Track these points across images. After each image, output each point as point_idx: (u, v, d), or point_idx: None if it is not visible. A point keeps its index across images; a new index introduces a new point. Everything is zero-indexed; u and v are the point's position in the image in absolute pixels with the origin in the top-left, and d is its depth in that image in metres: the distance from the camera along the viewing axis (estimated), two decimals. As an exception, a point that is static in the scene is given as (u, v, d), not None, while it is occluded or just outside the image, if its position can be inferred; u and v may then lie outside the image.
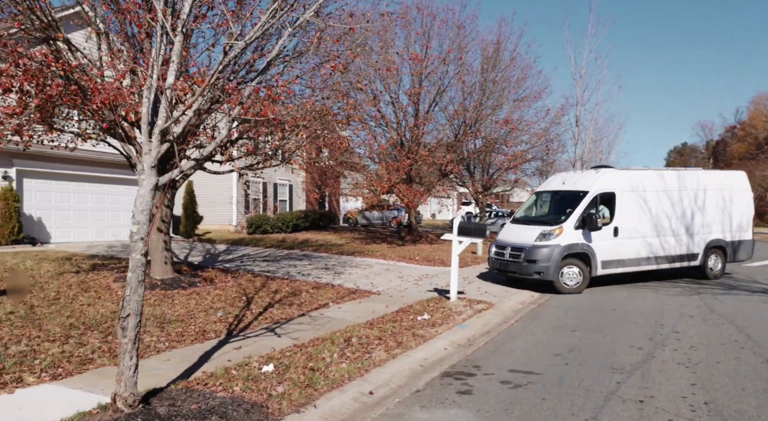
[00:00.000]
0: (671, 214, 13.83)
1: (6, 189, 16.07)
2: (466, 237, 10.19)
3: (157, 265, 10.88)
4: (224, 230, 27.35)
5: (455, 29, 22.92)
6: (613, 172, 13.59)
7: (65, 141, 9.85)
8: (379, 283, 12.83)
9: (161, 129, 4.33)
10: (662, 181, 13.92)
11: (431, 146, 22.23)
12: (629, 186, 13.40)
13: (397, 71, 21.95)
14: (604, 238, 12.80)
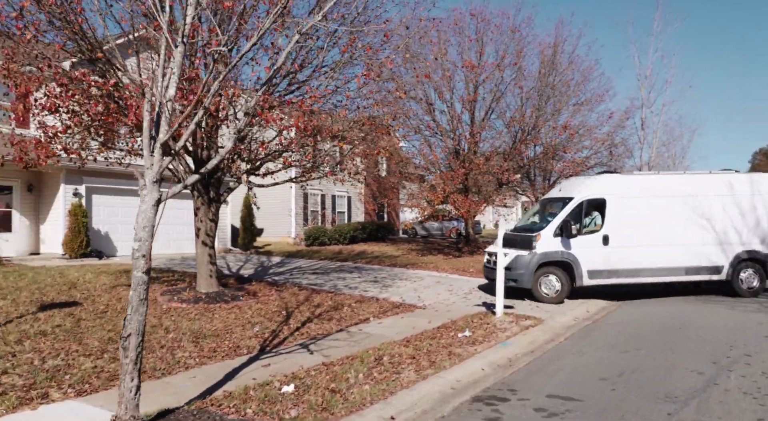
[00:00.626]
0: (684, 221, 12.64)
1: (75, 205, 16.91)
2: (511, 249, 9.68)
3: (203, 278, 11.00)
4: (283, 242, 27.75)
5: (510, 34, 22.31)
6: (604, 178, 13.02)
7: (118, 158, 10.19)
8: (427, 296, 12.47)
9: (161, 143, 4.23)
10: (673, 187, 12.86)
11: (488, 154, 21.66)
12: (625, 192, 12.62)
13: (450, 79, 21.58)
14: (591, 246, 12.17)
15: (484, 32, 22.22)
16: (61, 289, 11.14)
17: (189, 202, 20.78)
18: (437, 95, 22.00)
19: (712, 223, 12.73)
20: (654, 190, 12.79)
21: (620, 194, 12.56)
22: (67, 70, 7.83)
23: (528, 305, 11.52)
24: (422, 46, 22.86)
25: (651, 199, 12.63)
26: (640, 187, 12.80)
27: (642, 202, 12.56)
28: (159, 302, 10.29)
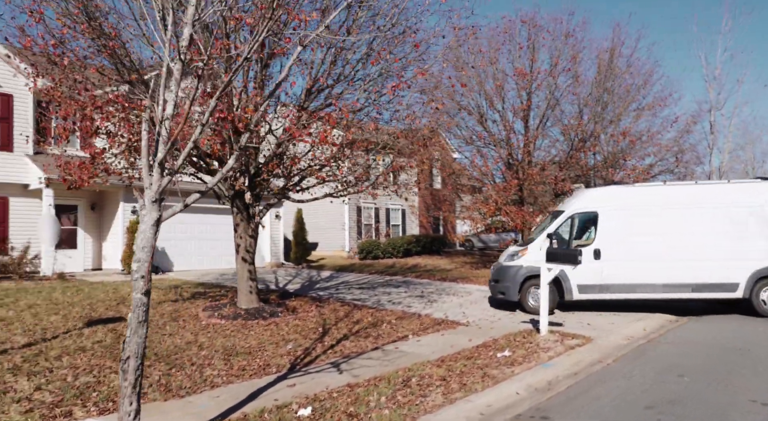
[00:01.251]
0: (692, 235, 11.70)
1: (133, 222, 17.56)
2: (554, 263, 9.14)
3: (243, 294, 11.04)
4: (337, 255, 27.83)
5: (563, 39, 21.58)
6: (596, 191, 12.81)
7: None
8: (472, 312, 12.02)
9: (159, 162, 4.16)
10: (679, 198, 11.96)
11: (543, 164, 20.94)
12: (619, 204, 12.09)
13: (501, 88, 21.07)
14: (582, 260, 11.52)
15: (535, 38, 21.61)
16: (110, 304, 11.47)
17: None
18: (488, 104, 21.53)
19: (724, 236, 11.65)
20: (655, 202, 12.06)
21: (614, 207, 12.09)
22: (101, 94, 8.07)
23: (578, 323, 10.88)
24: (472, 55, 22.58)
25: (651, 212, 11.93)
26: (638, 199, 12.20)
27: (640, 214, 11.94)
28: (199, 318, 10.39)
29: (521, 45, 21.55)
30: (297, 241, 23.16)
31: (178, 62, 4.21)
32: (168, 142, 4.17)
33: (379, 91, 9.19)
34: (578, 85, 22.63)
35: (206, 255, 20.51)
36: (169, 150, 4.16)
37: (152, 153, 4.36)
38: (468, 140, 23.06)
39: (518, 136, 21.82)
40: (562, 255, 9.04)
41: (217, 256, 20.82)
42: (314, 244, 29.11)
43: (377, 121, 9.92)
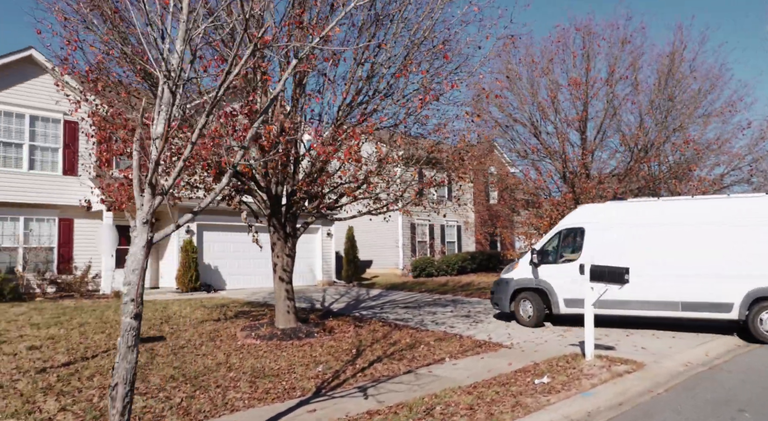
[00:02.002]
0: (684, 252, 11.15)
1: (186, 242, 18.03)
2: (599, 282, 8.51)
3: (280, 314, 10.97)
4: (391, 273, 27.59)
5: (620, 46, 20.65)
6: (586, 207, 12.97)
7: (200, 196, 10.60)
8: (518, 334, 11.44)
9: (149, 182, 4.08)
10: (671, 214, 11.53)
11: (601, 177, 19.97)
12: (604, 220, 12.04)
13: (554, 99, 20.35)
14: (567, 275, 11.96)
15: (590, 46, 20.82)
16: (154, 323, 11.69)
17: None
18: (541, 116, 20.85)
19: (722, 254, 10.88)
20: (644, 218, 11.74)
21: (599, 222, 12.09)
22: (133, 116, 8.27)
23: (632, 346, 10.09)
24: (524, 66, 22.02)
25: (639, 228, 11.64)
26: (625, 215, 11.98)
27: (627, 230, 11.71)
28: (236, 338, 10.38)
29: (575, 53, 20.79)
30: (348, 259, 23.11)
31: (169, 81, 4.14)
32: (154, 162, 4.08)
33: (408, 105, 8.95)
34: (639, 92, 21.59)
35: (258, 273, 20.74)
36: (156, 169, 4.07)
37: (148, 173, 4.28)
38: (522, 154, 22.42)
39: (575, 148, 21.01)
40: (608, 273, 8.39)
41: (266, 274, 20.96)
42: (368, 261, 29.03)
43: (408, 135, 9.65)
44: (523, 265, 12.69)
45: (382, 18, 8.73)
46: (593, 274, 8.56)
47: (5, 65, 16.36)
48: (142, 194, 4.19)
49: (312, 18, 8.06)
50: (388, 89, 9.13)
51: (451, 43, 9.21)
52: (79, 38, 7.78)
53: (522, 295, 12.53)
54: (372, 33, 9.00)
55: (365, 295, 18.14)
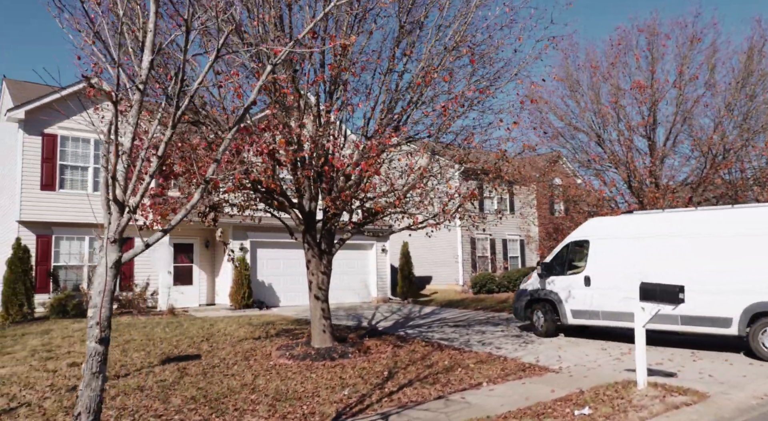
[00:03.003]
0: (679, 264, 10.76)
1: (239, 259, 18.24)
2: (650, 302, 7.64)
3: (316, 333, 10.70)
4: (450, 289, 26.86)
5: (689, 44, 19.24)
6: (593, 221, 13.09)
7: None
8: (569, 356, 10.58)
9: (113, 199, 3.89)
10: (670, 226, 11.33)
11: (673, 187, 18.53)
12: (606, 233, 12.27)
13: (617, 104, 19.19)
14: (574, 287, 12.44)
15: (655, 47, 19.56)
16: (194, 341, 11.73)
17: (344, 253, 21.26)
18: (602, 123, 19.73)
19: (717, 265, 10.51)
20: (646, 230, 11.67)
21: (602, 236, 12.34)
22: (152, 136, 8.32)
23: (698, 373, 9.03)
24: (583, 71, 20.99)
25: (637, 241, 11.67)
26: (625, 228, 12.06)
27: (626, 243, 11.81)
28: (271, 357, 10.18)
29: (638, 56, 19.59)
30: (403, 275, 22.67)
31: (137, 93, 3.95)
32: (125, 178, 3.88)
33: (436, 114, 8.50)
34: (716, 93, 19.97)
35: (312, 290, 20.70)
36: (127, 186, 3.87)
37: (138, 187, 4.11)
38: (585, 163, 21.31)
39: (643, 156, 19.68)
40: (659, 292, 7.52)
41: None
42: (428, 277, 28.48)
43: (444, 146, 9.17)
44: (535, 277, 13.30)
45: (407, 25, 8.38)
46: (644, 292, 7.71)
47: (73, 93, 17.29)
48: (109, 212, 4.01)
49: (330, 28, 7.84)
50: (419, 98, 8.73)
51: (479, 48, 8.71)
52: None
53: (535, 305, 13.03)
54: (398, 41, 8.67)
55: (417, 313, 17.61)
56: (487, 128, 9.34)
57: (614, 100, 19.14)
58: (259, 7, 7.85)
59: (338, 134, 9.37)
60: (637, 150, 19.84)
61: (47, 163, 16.84)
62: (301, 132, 7.65)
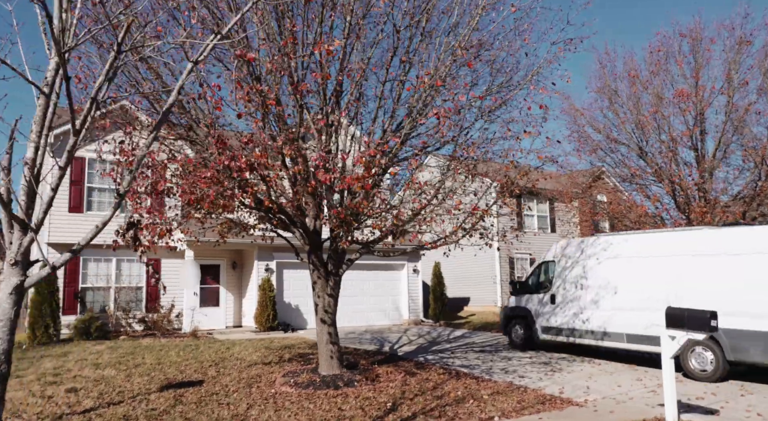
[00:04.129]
0: (628, 285, 11.49)
1: (264, 280, 17.95)
2: (678, 330, 6.70)
3: (323, 359, 10.13)
4: (489, 311, 25.78)
5: (736, 47, 17.95)
6: (562, 241, 13.70)
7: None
8: (599, 387, 9.60)
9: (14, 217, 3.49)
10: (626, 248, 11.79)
11: (715, 201, 17.13)
12: (572, 254, 13.03)
13: (657, 113, 18.04)
14: (543, 304, 13.37)
15: (698, 52, 18.37)
16: (202, 366, 11.36)
17: (374, 273, 20.82)
18: (642, 135, 18.60)
19: (659, 287, 10.79)
20: (603, 252, 12.25)
21: (567, 256, 13.16)
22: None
23: (744, 411, 7.93)
24: (621, 80, 19.93)
25: (594, 262, 12.33)
26: (588, 249, 12.68)
27: (585, 264, 12.54)
28: (274, 385, 9.66)
29: (680, 62, 18.42)
30: (435, 296, 21.85)
31: (42, 97, 3.56)
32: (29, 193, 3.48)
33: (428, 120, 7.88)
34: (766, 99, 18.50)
35: (343, 312, 19.99)
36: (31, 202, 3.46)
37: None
38: (626, 178, 20.12)
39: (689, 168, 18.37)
40: (687, 318, 6.58)
41: (355, 313, 20.38)
42: (465, 299, 27.51)
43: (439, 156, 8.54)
44: (513, 295, 14.50)
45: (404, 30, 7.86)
46: (670, 318, 6.79)
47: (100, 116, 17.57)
48: (11, 231, 3.61)
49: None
50: (415, 106, 8.17)
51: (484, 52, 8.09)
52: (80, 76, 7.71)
53: (513, 321, 14.08)
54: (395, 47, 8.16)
55: (445, 336, 16.78)
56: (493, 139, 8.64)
57: (654, 110, 17.99)
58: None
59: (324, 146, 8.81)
60: (684, 163, 18.57)
61: (75, 185, 17.09)
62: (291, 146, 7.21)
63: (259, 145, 7.36)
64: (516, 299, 14.24)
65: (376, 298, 20.75)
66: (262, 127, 7.55)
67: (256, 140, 7.40)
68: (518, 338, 13.86)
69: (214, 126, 7.41)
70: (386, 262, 20.89)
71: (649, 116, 18.24)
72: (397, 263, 21.30)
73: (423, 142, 8.38)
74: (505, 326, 14.40)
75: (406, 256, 21.10)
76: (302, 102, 8.12)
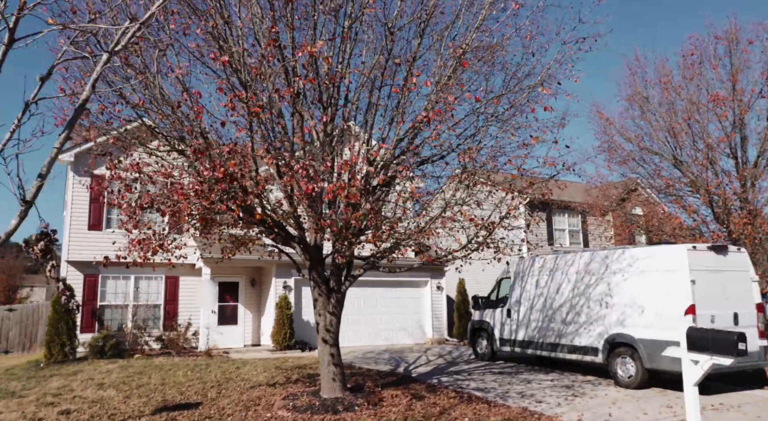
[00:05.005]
0: (565, 300, 12.63)
1: (281, 297, 17.58)
2: (701, 354, 5.92)
3: (325, 381, 9.60)
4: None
5: (774, 47, 16.87)
6: (516, 259, 13.86)
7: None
8: (622, 415, 8.77)
9: None
10: (562, 266, 12.97)
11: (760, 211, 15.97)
12: (522, 271, 14.07)
13: (689, 120, 17.04)
14: (500, 318, 14.34)
15: (735, 54, 17.37)
16: (207, 386, 10.98)
17: (396, 290, 20.21)
18: (676, 143, 17.62)
19: (590, 303, 12.01)
20: (542, 269, 13.48)
21: (517, 273, 14.30)
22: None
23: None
24: (652, 87, 19.02)
25: (539, 278, 13.47)
26: (533, 266, 13.81)
27: (532, 280, 13.68)
28: (273, 408, 9.18)
29: (714, 65, 17.43)
30: (459, 314, 21.05)
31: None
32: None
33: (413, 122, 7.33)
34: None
35: (361, 331, 19.63)
36: None
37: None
38: (662, 189, 19.08)
39: (729, 177, 17.25)
40: (712, 341, 5.80)
41: (377, 331, 19.82)
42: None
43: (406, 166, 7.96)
44: (477, 309, 15.49)
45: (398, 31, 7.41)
46: (692, 341, 6.02)
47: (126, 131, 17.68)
48: None
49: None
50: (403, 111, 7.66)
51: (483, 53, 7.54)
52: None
53: (477, 334, 15.13)
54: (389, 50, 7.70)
55: (466, 356, 15.99)
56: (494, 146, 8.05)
57: (687, 117, 17.01)
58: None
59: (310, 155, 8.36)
60: (723, 172, 17.47)
61: (95, 203, 17.17)
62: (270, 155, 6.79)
63: (244, 155, 6.99)
64: (480, 313, 15.27)
65: (398, 316, 20.14)
66: (250, 136, 7.18)
67: (241, 149, 7.04)
68: (482, 350, 14.97)
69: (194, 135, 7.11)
70: (408, 278, 20.27)
71: (683, 123, 17.26)
72: (420, 279, 20.67)
73: (413, 147, 7.85)
74: (470, 339, 15.48)
75: (429, 272, 20.45)
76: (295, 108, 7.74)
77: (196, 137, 7.23)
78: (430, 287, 20.85)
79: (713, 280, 10.30)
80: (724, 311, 10.31)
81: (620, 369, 11.00)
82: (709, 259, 10.52)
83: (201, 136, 7.23)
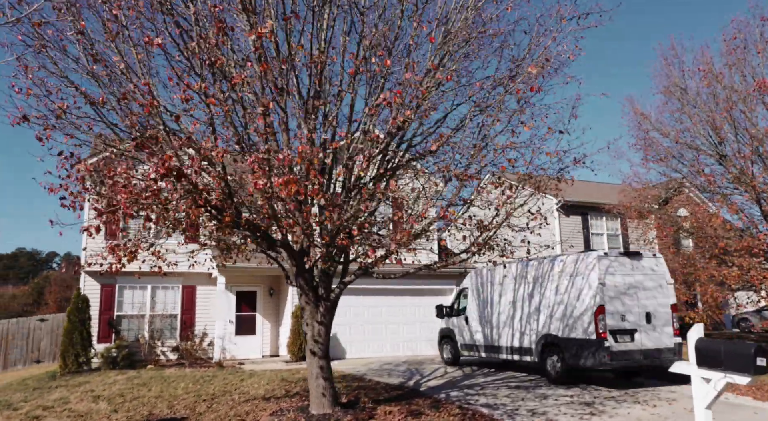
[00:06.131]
0: (506, 305, 13.62)
1: (297, 306, 17.03)
2: (712, 371, 4.95)
3: (313, 397, 8.94)
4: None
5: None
6: (473, 271, 15.68)
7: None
8: (641, 438, 7.73)
9: None
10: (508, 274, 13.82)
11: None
12: (476, 281, 15.26)
13: (731, 111, 15.66)
14: (461, 325, 15.36)
15: (779, 40, 15.90)
16: (199, 399, 10.51)
17: (418, 299, 19.38)
18: (716, 136, 16.24)
19: (524, 307, 12.98)
20: (490, 278, 14.53)
21: (475, 283, 15.25)
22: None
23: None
24: (690, 76, 17.66)
25: (487, 287, 14.51)
26: (487, 276, 14.74)
27: (483, 289, 14.73)
28: (257, 425, 8.59)
29: (761, 49, 15.99)
30: (485, 323, 19.99)
31: None
32: None
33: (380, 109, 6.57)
34: None
35: (383, 341, 18.89)
36: None
37: None
38: (704, 188, 17.69)
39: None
40: (725, 355, 4.82)
41: (400, 342, 19.09)
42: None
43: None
44: (443, 317, 16.25)
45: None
46: (701, 355, 5.05)
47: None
48: None
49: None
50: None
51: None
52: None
53: (443, 341, 16.01)
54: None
55: (485, 370, 15.00)
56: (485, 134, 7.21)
57: (729, 107, 15.62)
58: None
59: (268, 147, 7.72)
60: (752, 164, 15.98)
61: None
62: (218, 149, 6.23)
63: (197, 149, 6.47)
64: (446, 320, 16.07)
65: (421, 325, 19.31)
66: (211, 130, 6.67)
67: (199, 145, 6.52)
68: (448, 355, 15.76)
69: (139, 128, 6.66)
70: (432, 286, 19.48)
71: (725, 113, 15.88)
72: (445, 287, 19.81)
73: (375, 135, 7.11)
74: (438, 345, 16.31)
75: (454, 279, 19.56)
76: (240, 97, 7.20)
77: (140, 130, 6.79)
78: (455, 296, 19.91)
79: (626, 283, 11.30)
80: (637, 310, 11.27)
81: (549, 366, 12.02)
82: (621, 264, 11.48)
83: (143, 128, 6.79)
